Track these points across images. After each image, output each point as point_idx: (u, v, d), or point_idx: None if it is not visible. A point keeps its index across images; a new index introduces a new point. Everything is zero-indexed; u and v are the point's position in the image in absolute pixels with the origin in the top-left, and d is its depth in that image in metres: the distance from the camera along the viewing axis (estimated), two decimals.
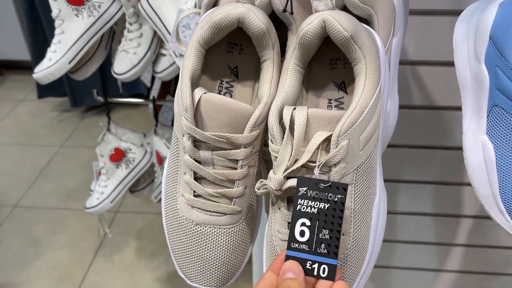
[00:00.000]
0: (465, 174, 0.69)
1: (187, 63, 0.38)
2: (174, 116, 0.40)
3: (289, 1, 0.37)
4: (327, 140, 0.35)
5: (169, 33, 0.90)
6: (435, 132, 0.69)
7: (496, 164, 0.41)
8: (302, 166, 0.35)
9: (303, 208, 0.35)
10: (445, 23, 0.59)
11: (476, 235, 0.80)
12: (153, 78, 1.34)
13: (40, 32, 2.13)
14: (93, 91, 1.04)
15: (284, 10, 0.38)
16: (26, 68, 2.57)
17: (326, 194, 0.35)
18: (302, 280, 0.33)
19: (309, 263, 0.34)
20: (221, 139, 0.37)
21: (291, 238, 0.35)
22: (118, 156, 1.11)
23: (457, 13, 0.48)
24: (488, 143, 0.41)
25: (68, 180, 1.90)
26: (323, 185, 0.35)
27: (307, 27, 0.35)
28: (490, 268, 0.85)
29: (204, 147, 0.38)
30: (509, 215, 0.41)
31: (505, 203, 0.41)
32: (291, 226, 0.35)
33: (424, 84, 0.66)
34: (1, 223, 1.69)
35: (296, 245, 0.35)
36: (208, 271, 0.42)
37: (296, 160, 0.35)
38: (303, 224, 0.35)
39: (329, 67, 0.41)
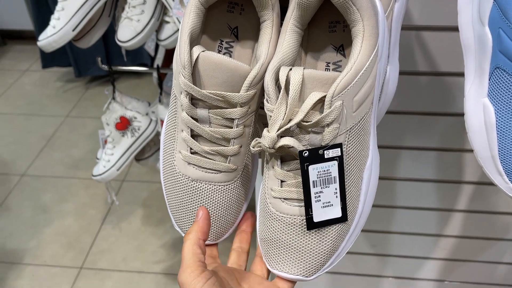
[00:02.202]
0: (467, 141, 0.70)
1: (187, 20, 0.39)
2: (173, 74, 0.41)
3: None
4: (322, 100, 0.35)
5: (173, 0, 0.89)
6: (438, 99, 0.70)
7: (496, 126, 0.41)
8: (296, 125, 0.35)
9: (312, 177, 0.37)
10: None
11: (477, 201, 0.82)
12: (157, 47, 1.33)
13: (43, 1, 2.11)
14: (97, 59, 1.04)
15: None
16: (29, 38, 2.56)
17: (326, 158, 0.36)
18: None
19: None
20: (218, 97, 0.38)
21: (308, 204, 0.37)
22: (124, 124, 1.12)
23: None
24: (489, 105, 0.42)
25: (74, 150, 1.92)
26: (322, 150, 0.36)
27: None
28: (489, 234, 0.86)
29: (201, 105, 0.39)
30: (508, 177, 0.42)
31: (503, 164, 0.42)
32: (305, 195, 0.37)
33: (428, 50, 0.66)
34: (10, 191, 1.72)
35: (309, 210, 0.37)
36: None
37: (290, 120, 0.35)
38: (315, 191, 0.37)
39: (328, 30, 0.41)
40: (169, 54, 1.31)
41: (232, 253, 0.45)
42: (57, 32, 0.93)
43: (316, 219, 0.38)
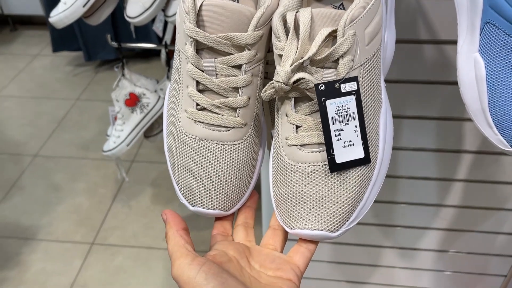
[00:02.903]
0: (466, 110, 0.71)
1: None
2: (176, 29, 0.40)
3: None
4: (333, 35, 0.35)
5: None
6: (438, 67, 0.71)
7: (486, 80, 0.43)
8: (309, 60, 0.35)
9: (330, 113, 0.35)
10: None
11: (476, 170, 0.83)
12: (164, 28, 1.36)
13: None
14: (107, 37, 1.07)
15: None
16: (39, 23, 2.60)
17: (343, 92, 0.35)
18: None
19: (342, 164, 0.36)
20: (225, 41, 0.37)
21: (329, 144, 0.35)
22: (133, 100, 1.15)
23: None
24: (479, 60, 0.44)
25: (84, 132, 1.96)
26: (338, 84, 0.35)
27: None
28: (489, 203, 0.88)
29: (207, 54, 0.38)
30: (497, 128, 0.44)
31: (493, 116, 0.44)
32: (325, 133, 0.35)
33: (428, 18, 0.67)
34: (23, 171, 1.77)
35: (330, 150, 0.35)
36: (212, 192, 0.40)
37: (302, 57, 0.35)
38: (335, 129, 0.35)
39: None
40: None
41: (238, 228, 0.41)
42: (68, 8, 0.96)
43: (339, 159, 0.36)
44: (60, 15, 0.97)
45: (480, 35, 0.44)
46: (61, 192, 1.68)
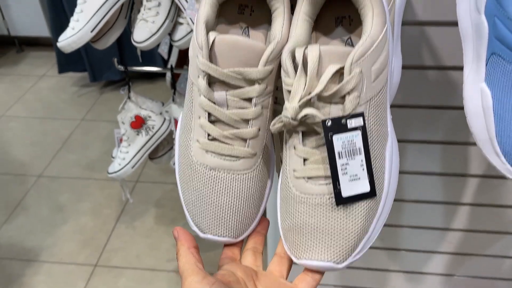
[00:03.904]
0: (471, 134, 0.72)
1: (202, 11, 0.40)
2: (189, 61, 0.42)
3: None
4: (340, 72, 0.36)
5: (186, 1, 0.93)
6: (443, 92, 0.72)
7: (493, 109, 0.44)
8: (316, 96, 0.36)
9: (337, 148, 0.36)
10: None
11: (483, 194, 0.83)
12: (170, 51, 1.37)
13: (59, 8, 2.18)
14: (113, 60, 1.08)
15: None
16: (46, 44, 2.64)
17: (349, 127, 0.36)
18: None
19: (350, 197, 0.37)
20: (236, 76, 0.38)
21: (335, 178, 0.36)
22: (138, 123, 1.16)
23: None
24: (486, 89, 0.44)
25: (89, 152, 1.97)
26: (344, 120, 0.36)
27: None
28: (496, 227, 0.87)
29: (219, 87, 0.39)
30: (505, 157, 0.44)
31: (501, 146, 0.44)
32: (332, 167, 0.36)
33: (432, 44, 0.68)
34: (28, 191, 1.77)
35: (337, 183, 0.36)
36: (222, 219, 0.41)
37: (310, 93, 0.36)
38: (341, 163, 0.36)
39: (335, 25, 0.43)
40: (182, 56, 1.35)
41: (247, 253, 0.42)
42: (76, 33, 0.97)
43: (345, 193, 0.37)
44: (68, 40, 0.98)
45: (486, 65, 0.44)
46: (65, 212, 1.68)
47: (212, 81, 0.40)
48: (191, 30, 1.00)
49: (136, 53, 1.15)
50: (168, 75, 1.25)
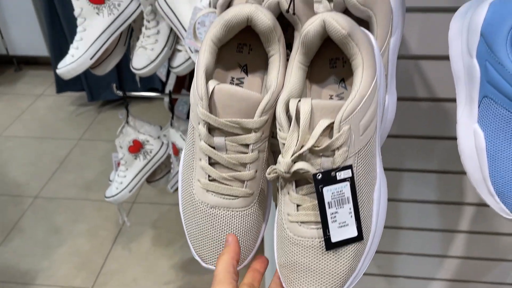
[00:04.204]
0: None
1: (202, 58, 0.43)
2: (190, 107, 0.44)
3: (291, 3, 0.41)
4: (330, 127, 0.38)
5: (185, 30, 0.94)
6: (437, 123, 0.73)
7: (486, 151, 0.45)
8: (308, 150, 0.38)
9: (327, 198, 0.39)
10: (444, 20, 0.62)
11: (478, 222, 0.84)
12: (168, 73, 1.39)
13: (58, 28, 2.20)
14: (112, 86, 1.09)
15: (287, 11, 0.42)
16: (44, 63, 2.65)
17: (338, 179, 0.39)
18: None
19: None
20: (234, 125, 0.41)
21: (325, 225, 0.39)
22: (136, 147, 1.17)
23: (455, 10, 0.52)
24: (479, 131, 0.45)
25: (86, 172, 1.96)
26: (334, 172, 0.39)
27: (308, 27, 0.39)
28: (492, 255, 0.88)
29: (218, 133, 0.42)
30: (498, 197, 0.45)
31: (494, 186, 0.45)
32: (322, 216, 0.39)
33: (426, 77, 0.69)
34: (24, 213, 1.76)
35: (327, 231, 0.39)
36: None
37: (302, 146, 0.38)
38: (331, 212, 0.39)
39: (329, 66, 0.45)
40: (180, 80, 1.37)
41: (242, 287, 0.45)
42: (75, 60, 0.98)
43: (334, 239, 0.40)
44: (68, 67, 0.99)
45: (478, 107, 0.45)
46: (61, 234, 1.67)
47: (211, 128, 0.42)
48: (189, 57, 1.01)
49: (134, 74, 1.16)
50: (166, 99, 1.26)
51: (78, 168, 1.99)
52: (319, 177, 0.38)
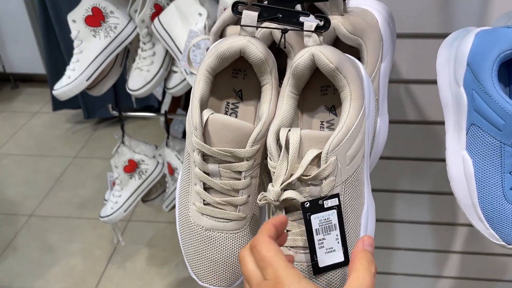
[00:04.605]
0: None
1: (197, 88, 0.44)
2: (186, 134, 0.46)
3: (281, 38, 0.43)
4: (318, 156, 0.40)
5: (180, 52, 0.96)
6: (428, 145, 0.74)
7: (475, 177, 0.46)
8: (297, 179, 0.39)
9: (314, 226, 0.40)
10: (434, 45, 0.64)
11: (472, 242, 0.84)
12: (164, 92, 1.40)
13: (55, 46, 2.21)
14: (108, 106, 1.10)
15: (278, 45, 0.44)
16: (40, 81, 2.66)
17: (326, 207, 0.40)
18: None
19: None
20: (226, 153, 0.42)
21: (312, 251, 0.40)
22: (132, 167, 1.17)
23: (445, 36, 0.53)
24: (467, 157, 0.46)
25: (82, 190, 1.96)
26: (321, 201, 0.40)
27: (298, 60, 0.41)
28: (487, 275, 0.88)
29: (212, 160, 0.43)
30: (488, 223, 0.46)
31: (483, 211, 0.46)
32: (310, 243, 0.40)
33: (417, 101, 0.71)
34: (18, 232, 1.75)
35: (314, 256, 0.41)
36: (217, 272, 0.47)
37: (291, 175, 0.40)
38: (318, 239, 0.41)
39: (320, 93, 0.46)
40: (176, 99, 1.38)
41: None
42: (71, 82, 0.99)
43: (321, 264, 0.41)
44: (64, 89, 1.00)
45: (466, 135, 0.46)
46: (55, 253, 1.66)
47: (206, 155, 0.44)
48: (185, 79, 1.02)
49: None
50: (162, 119, 1.27)
51: (74, 186, 1.99)
52: (307, 205, 0.40)
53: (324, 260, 0.41)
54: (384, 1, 0.63)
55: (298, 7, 0.51)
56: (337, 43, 0.49)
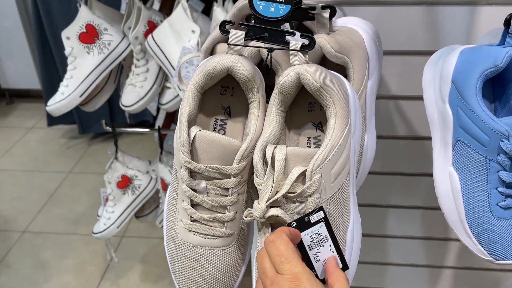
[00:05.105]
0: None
1: (185, 105, 0.45)
2: (174, 151, 0.46)
3: (268, 57, 0.43)
4: (303, 174, 0.40)
5: (173, 68, 0.96)
6: (419, 160, 0.74)
7: (462, 193, 0.46)
8: (282, 196, 0.40)
9: (306, 242, 0.41)
10: (423, 62, 0.65)
11: (465, 257, 0.84)
12: (158, 107, 1.40)
13: (50, 61, 2.22)
14: (101, 122, 1.10)
15: (264, 64, 0.44)
16: (36, 96, 2.67)
17: (313, 222, 0.40)
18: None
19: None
20: (213, 170, 0.43)
21: (310, 266, 0.40)
22: (125, 183, 1.17)
23: (433, 53, 0.54)
24: (454, 173, 0.47)
25: (76, 206, 1.95)
26: (307, 217, 0.40)
27: (284, 78, 0.41)
28: None
29: (199, 177, 0.43)
30: (476, 238, 0.46)
31: (471, 227, 0.46)
32: (306, 260, 0.40)
33: (407, 116, 0.71)
34: (10, 248, 1.73)
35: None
36: None
37: (277, 192, 0.40)
38: (313, 254, 0.41)
39: (307, 109, 0.46)
40: (170, 114, 1.38)
41: None
42: (65, 98, 1.00)
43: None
44: (57, 105, 1.00)
45: (453, 151, 0.47)
46: (48, 270, 1.64)
47: (193, 172, 0.44)
48: (178, 95, 1.03)
49: None
50: (156, 135, 1.27)
51: (68, 201, 1.98)
52: (294, 225, 0.40)
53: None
54: (374, 19, 0.64)
55: (287, 26, 0.52)
56: (325, 61, 0.50)
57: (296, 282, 0.35)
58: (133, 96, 1.02)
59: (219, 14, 0.94)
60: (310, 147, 0.46)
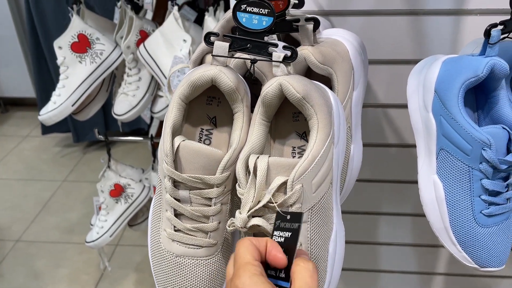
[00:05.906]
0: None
1: (169, 115, 0.45)
2: (158, 161, 0.46)
3: (251, 67, 0.44)
4: (285, 184, 0.40)
5: (165, 77, 0.97)
6: (408, 168, 0.75)
7: (446, 201, 0.46)
8: (264, 206, 0.40)
9: (276, 239, 0.40)
10: (410, 71, 0.66)
11: (456, 264, 0.85)
12: (152, 116, 1.41)
13: (45, 70, 2.23)
14: (94, 131, 1.10)
15: (248, 74, 0.45)
16: (30, 105, 2.66)
17: (290, 224, 0.40)
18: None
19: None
20: (197, 180, 0.43)
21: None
22: (118, 191, 1.17)
23: (416, 62, 0.55)
24: (438, 181, 0.47)
25: (70, 214, 1.94)
26: (289, 216, 0.40)
27: (267, 89, 0.42)
28: None
29: (183, 187, 0.44)
30: (460, 246, 0.47)
31: (456, 235, 0.47)
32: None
33: (395, 124, 0.72)
34: (4, 258, 1.73)
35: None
36: None
37: (259, 201, 0.40)
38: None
39: (292, 119, 0.47)
40: (163, 123, 1.39)
41: None
42: (57, 107, 1.00)
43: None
44: (49, 114, 1.01)
45: (436, 159, 0.47)
46: (42, 279, 1.63)
47: (176, 182, 0.44)
48: None
49: None
50: (149, 144, 1.28)
51: (62, 210, 1.97)
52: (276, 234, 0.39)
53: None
54: (361, 28, 0.65)
55: (275, 37, 0.52)
56: (311, 72, 0.51)
57: (234, 279, 0.33)
58: (125, 105, 1.02)
59: (211, 23, 0.95)
60: (294, 157, 0.46)
